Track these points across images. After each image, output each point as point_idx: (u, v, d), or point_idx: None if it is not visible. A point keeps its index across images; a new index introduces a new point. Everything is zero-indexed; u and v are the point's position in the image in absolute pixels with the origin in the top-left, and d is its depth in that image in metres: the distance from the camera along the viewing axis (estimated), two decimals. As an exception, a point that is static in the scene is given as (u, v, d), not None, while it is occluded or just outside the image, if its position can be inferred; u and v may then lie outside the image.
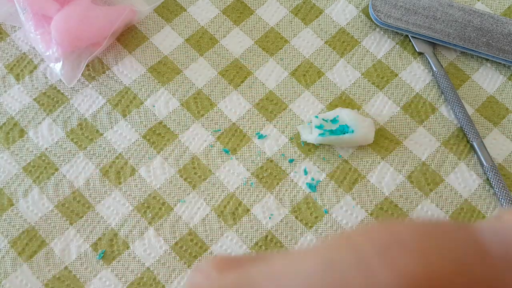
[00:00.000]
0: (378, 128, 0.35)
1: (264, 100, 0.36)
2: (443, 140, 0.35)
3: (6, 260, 0.32)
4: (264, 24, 0.38)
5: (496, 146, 0.34)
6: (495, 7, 0.38)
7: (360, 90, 0.36)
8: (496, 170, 0.33)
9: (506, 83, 0.36)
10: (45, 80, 0.36)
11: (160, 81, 0.36)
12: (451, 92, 0.35)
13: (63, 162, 0.34)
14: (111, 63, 0.37)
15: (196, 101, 0.36)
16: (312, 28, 0.38)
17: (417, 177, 0.34)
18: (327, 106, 0.35)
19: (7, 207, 0.33)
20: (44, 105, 0.36)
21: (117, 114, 0.35)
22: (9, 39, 0.38)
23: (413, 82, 0.36)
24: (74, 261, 0.32)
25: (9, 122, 0.35)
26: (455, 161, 0.34)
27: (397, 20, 0.36)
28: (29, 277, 0.32)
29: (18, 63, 0.37)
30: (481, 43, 0.36)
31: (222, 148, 0.34)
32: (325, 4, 0.38)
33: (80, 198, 0.33)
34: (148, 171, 0.34)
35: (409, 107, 0.35)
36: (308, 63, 0.37)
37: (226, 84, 0.36)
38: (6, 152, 0.35)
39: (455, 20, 0.36)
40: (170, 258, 0.32)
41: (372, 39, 0.37)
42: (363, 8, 0.38)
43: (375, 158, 0.34)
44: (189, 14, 0.38)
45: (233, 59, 0.37)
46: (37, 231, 0.33)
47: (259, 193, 0.33)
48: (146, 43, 0.37)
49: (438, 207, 0.33)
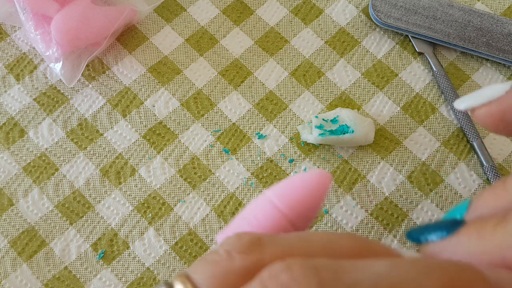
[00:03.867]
0: (378, 128, 0.35)
1: (264, 100, 0.36)
2: (443, 140, 0.35)
3: (6, 260, 0.32)
4: (264, 24, 0.38)
5: (496, 146, 0.34)
6: (495, 7, 0.38)
7: (360, 90, 0.36)
8: (496, 170, 0.33)
9: (506, 83, 0.36)
10: (45, 80, 0.36)
11: (160, 81, 0.36)
12: (451, 92, 0.35)
13: (63, 162, 0.34)
14: (111, 63, 0.37)
15: (196, 101, 0.36)
16: (312, 28, 0.38)
17: (417, 177, 0.34)
18: (327, 106, 0.35)
19: (7, 207, 0.33)
20: (44, 105, 0.36)
21: (117, 114, 0.35)
22: (9, 39, 0.38)
23: (413, 82, 0.36)
24: (74, 261, 0.32)
25: (9, 122, 0.35)
26: (455, 161, 0.34)
27: (397, 20, 0.36)
28: (29, 277, 0.32)
29: (18, 63, 0.37)
30: (481, 43, 0.36)
31: (222, 148, 0.34)
32: (325, 4, 0.38)
33: (80, 198, 0.33)
34: (148, 171, 0.34)
35: (409, 107, 0.35)
36: (308, 63, 0.37)
37: (226, 84, 0.36)
38: (6, 152, 0.35)
39: (455, 20, 0.36)
40: (170, 258, 0.32)
41: (372, 39, 0.37)
42: (363, 8, 0.38)
43: (375, 158, 0.34)
44: (189, 14, 0.38)
45: (233, 59, 0.37)
46: (37, 231, 0.33)
47: (259, 193, 0.33)
48: (146, 43, 0.37)
49: (438, 207, 0.33)
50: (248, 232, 0.18)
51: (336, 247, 0.17)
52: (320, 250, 0.17)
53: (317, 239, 0.17)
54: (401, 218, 0.33)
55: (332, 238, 0.17)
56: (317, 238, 0.17)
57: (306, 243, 0.17)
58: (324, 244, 0.17)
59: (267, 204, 0.22)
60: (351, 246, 0.17)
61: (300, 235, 0.18)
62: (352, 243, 0.17)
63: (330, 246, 0.17)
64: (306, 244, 0.17)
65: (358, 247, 0.17)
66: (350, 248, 0.17)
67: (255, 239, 0.17)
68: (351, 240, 0.17)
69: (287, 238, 0.18)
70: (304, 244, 0.17)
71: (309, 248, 0.17)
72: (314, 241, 0.17)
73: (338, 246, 0.17)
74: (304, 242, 0.17)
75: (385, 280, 0.14)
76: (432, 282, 0.14)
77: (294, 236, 0.18)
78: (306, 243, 0.17)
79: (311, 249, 0.17)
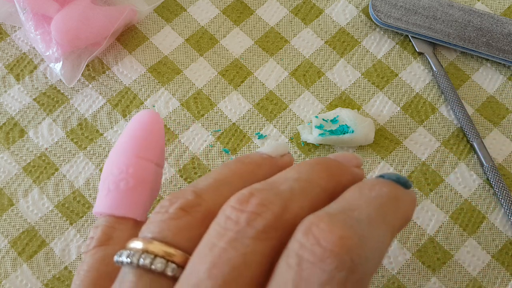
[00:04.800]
0: (378, 128, 0.35)
1: (264, 100, 0.36)
2: (443, 140, 0.35)
3: (6, 260, 0.32)
4: (264, 24, 0.38)
5: (496, 146, 0.34)
6: (495, 7, 0.38)
7: (360, 90, 0.36)
8: (496, 170, 0.33)
9: (506, 83, 0.36)
10: (45, 80, 0.36)
11: (160, 81, 0.36)
12: (451, 92, 0.35)
13: (63, 162, 0.34)
14: (111, 63, 0.37)
15: (196, 101, 0.36)
16: (312, 28, 0.38)
17: (417, 177, 0.34)
18: (327, 106, 0.35)
19: (7, 207, 0.33)
20: (44, 105, 0.36)
21: (117, 114, 0.35)
22: (9, 39, 0.38)
23: (413, 82, 0.36)
24: (74, 261, 0.32)
25: (9, 122, 0.35)
26: (455, 161, 0.34)
27: (397, 20, 0.36)
28: (29, 277, 0.32)
29: (18, 63, 0.37)
30: (481, 43, 0.36)
31: (222, 148, 0.34)
32: (325, 4, 0.38)
33: (80, 198, 0.33)
34: (148, 171, 0.34)
35: (409, 107, 0.35)
36: (308, 63, 0.37)
37: (226, 84, 0.36)
38: (6, 152, 0.35)
39: (455, 20, 0.36)
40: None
41: (372, 39, 0.37)
42: (363, 8, 0.38)
43: (375, 158, 0.34)
44: (189, 14, 0.38)
45: (233, 59, 0.37)
46: (37, 231, 0.33)
47: (259, 193, 0.33)
48: (146, 43, 0.37)
49: (438, 207, 0.33)
50: (177, 193, 0.20)
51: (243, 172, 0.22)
52: (234, 178, 0.21)
53: (227, 173, 0.22)
54: (401, 218, 0.33)
55: (225, 170, 0.22)
56: (226, 173, 0.22)
57: (223, 181, 0.21)
58: (233, 173, 0.21)
59: (135, 160, 0.26)
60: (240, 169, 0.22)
61: (213, 176, 0.21)
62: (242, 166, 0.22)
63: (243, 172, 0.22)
64: (224, 181, 0.21)
65: (246, 170, 0.22)
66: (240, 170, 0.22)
67: (191, 194, 0.20)
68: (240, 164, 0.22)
69: (205, 181, 0.21)
70: (223, 182, 0.21)
71: (224, 183, 0.21)
72: (225, 175, 0.21)
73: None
74: (221, 181, 0.21)
75: (295, 178, 0.19)
76: (316, 171, 0.20)
77: (210, 178, 0.21)
78: (223, 181, 0.21)
79: (226, 183, 0.21)
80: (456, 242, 0.32)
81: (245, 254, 0.17)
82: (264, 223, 0.17)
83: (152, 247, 0.18)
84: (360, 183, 0.20)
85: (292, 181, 0.19)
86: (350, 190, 0.19)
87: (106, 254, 0.23)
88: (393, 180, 0.20)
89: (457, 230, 0.32)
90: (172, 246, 0.18)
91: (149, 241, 0.19)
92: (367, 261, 0.17)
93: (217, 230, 0.17)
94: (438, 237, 0.32)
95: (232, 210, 0.18)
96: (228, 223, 0.17)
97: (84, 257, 0.24)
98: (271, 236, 0.17)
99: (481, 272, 0.31)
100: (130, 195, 0.25)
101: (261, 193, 0.18)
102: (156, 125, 0.27)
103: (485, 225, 0.32)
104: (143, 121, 0.27)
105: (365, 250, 0.16)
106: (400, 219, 0.19)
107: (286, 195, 0.18)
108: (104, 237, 0.24)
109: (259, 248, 0.17)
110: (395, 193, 0.19)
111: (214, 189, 0.20)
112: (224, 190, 0.20)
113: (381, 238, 0.18)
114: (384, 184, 0.20)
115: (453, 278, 0.31)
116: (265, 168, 0.22)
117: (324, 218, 0.17)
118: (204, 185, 0.20)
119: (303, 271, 0.16)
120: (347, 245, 0.16)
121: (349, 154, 0.23)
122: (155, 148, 0.27)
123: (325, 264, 0.16)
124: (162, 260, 0.18)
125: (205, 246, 0.17)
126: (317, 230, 0.16)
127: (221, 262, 0.16)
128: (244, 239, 0.17)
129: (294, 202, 0.18)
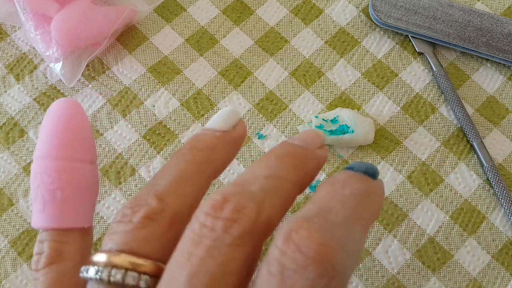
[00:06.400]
0: (378, 128, 0.35)
1: (264, 100, 0.36)
2: (443, 140, 0.35)
3: (6, 260, 0.32)
4: (264, 24, 0.38)
5: (496, 146, 0.34)
6: (495, 7, 0.38)
7: (360, 90, 0.36)
8: (496, 170, 0.33)
9: (506, 83, 0.36)
10: (45, 80, 0.36)
11: (160, 81, 0.36)
12: (451, 92, 0.35)
13: (63, 162, 0.34)
14: (111, 63, 0.37)
15: (196, 101, 0.36)
16: (312, 28, 0.38)
17: (417, 177, 0.34)
18: (327, 106, 0.35)
19: (7, 207, 0.33)
20: (44, 105, 0.36)
21: (117, 114, 0.35)
22: (9, 39, 0.38)
23: (413, 82, 0.36)
24: (74, 261, 0.32)
25: (9, 122, 0.35)
26: (455, 161, 0.34)
27: (397, 20, 0.36)
28: (29, 277, 0.32)
29: (18, 63, 0.37)
30: (481, 43, 0.36)
31: (222, 148, 0.34)
32: (325, 4, 0.38)
33: (80, 198, 0.33)
34: (148, 171, 0.34)
35: (409, 107, 0.35)
36: (308, 63, 0.37)
37: (226, 84, 0.36)
38: (6, 152, 0.35)
39: (455, 20, 0.36)
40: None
41: (372, 39, 0.37)
42: (363, 8, 0.38)
43: (375, 158, 0.34)
44: (189, 14, 0.38)
45: (233, 59, 0.37)
46: (37, 231, 0.33)
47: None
48: (146, 43, 0.37)
49: (438, 207, 0.33)
50: (138, 199, 0.19)
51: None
52: (193, 172, 0.21)
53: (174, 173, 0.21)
54: (401, 218, 0.33)
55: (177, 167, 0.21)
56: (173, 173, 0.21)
57: (176, 180, 0.20)
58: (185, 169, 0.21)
59: (67, 164, 0.23)
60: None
61: (171, 172, 0.20)
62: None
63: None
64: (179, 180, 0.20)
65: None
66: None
67: (153, 200, 0.19)
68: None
69: (164, 179, 0.20)
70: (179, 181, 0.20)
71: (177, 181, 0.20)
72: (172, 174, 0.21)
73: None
74: (176, 180, 0.20)
75: (265, 176, 0.19)
76: (285, 165, 0.20)
77: (168, 176, 0.20)
78: (177, 180, 0.20)
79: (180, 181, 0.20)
80: (456, 242, 0.32)
81: (224, 261, 0.16)
82: (241, 230, 0.17)
83: (120, 260, 0.18)
84: (331, 180, 0.20)
85: (262, 179, 0.19)
86: (323, 188, 0.19)
87: (60, 272, 0.21)
88: (363, 172, 0.20)
89: (457, 230, 0.32)
90: (141, 257, 0.18)
91: (115, 254, 0.18)
92: (346, 266, 0.17)
93: (192, 237, 0.17)
94: (438, 237, 0.32)
95: (206, 216, 0.17)
96: (203, 230, 0.17)
97: (36, 275, 0.22)
98: (247, 242, 0.17)
99: (481, 272, 0.31)
100: (70, 203, 0.22)
101: (234, 197, 0.18)
102: (78, 116, 0.24)
103: (485, 225, 0.32)
104: (63, 115, 0.23)
105: (345, 255, 0.17)
106: (373, 214, 0.19)
107: (259, 197, 0.18)
108: (53, 254, 0.22)
109: (237, 255, 0.17)
110: (366, 188, 0.19)
111: (176, 189, 0.20)
112: (186, 189, 0.20)
113: (357, 236, 0.18)
114: (355, 179, 0.19)
115: (453, 278, 0.31)
116: (221, 150, 0.21)
117: (303, 224, 0.17)
118: (165, 186, 0.20)
119: (286, 279, 0.16)
120: (328, 253, 0.16)
121: (311, 133, 0.22)
122: (84, 144, 0.23)
123: (307, 272, 0.16)
124: (134, 274, 0.17)
125: (182, 255, 0.17)
126: (297, 237, 0.16)
127: (200, 271, 0.16)
128: (221, 246, 0.17)
129: (267, 203, 0.18)
